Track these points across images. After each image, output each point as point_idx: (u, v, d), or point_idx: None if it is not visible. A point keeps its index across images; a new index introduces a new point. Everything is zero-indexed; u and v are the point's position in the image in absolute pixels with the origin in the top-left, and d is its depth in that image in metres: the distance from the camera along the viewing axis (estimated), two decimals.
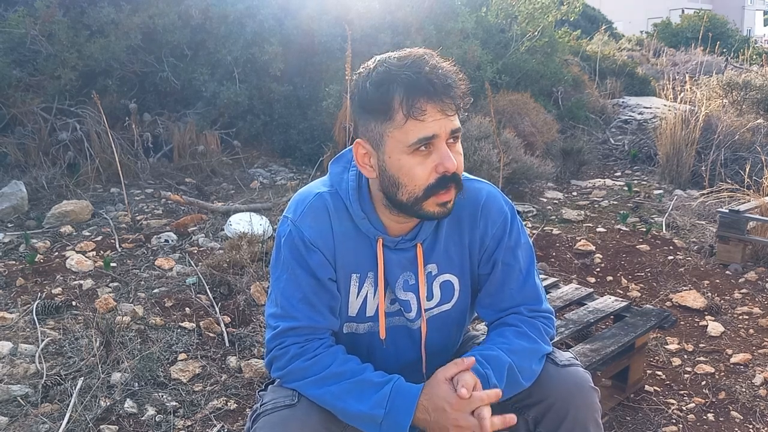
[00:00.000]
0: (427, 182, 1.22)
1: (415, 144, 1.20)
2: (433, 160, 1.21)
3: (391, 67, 1.20)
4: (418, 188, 1.23)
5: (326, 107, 5.45)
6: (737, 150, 5.57)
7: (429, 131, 1.19)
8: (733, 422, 2.27)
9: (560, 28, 9.88)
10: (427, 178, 1.22)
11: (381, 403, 1.22)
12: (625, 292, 3.33)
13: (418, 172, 1.22)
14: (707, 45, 13.58)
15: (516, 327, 1.37)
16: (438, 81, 1.18)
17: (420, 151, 1.21)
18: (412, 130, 1.19)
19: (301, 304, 1.31)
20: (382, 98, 1.20)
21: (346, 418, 1.27)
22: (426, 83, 1.18)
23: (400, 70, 1.19)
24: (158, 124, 5.37)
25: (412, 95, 1.18)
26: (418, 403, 1.22)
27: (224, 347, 2.63)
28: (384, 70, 1.21)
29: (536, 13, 7.40)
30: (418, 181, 1.22)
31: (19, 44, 4.98)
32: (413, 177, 1.22)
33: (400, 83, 1.18)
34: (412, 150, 1.20)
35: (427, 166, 1.21)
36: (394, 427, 1.21)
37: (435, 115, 1.18)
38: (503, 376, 1.27)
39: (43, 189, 4.43)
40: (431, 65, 1.19)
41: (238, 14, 5.63)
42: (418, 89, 1.18)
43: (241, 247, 3.30)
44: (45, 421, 2.10)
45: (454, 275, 1.41)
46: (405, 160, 1.22)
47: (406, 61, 1.20)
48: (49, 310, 2.78)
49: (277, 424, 1.23)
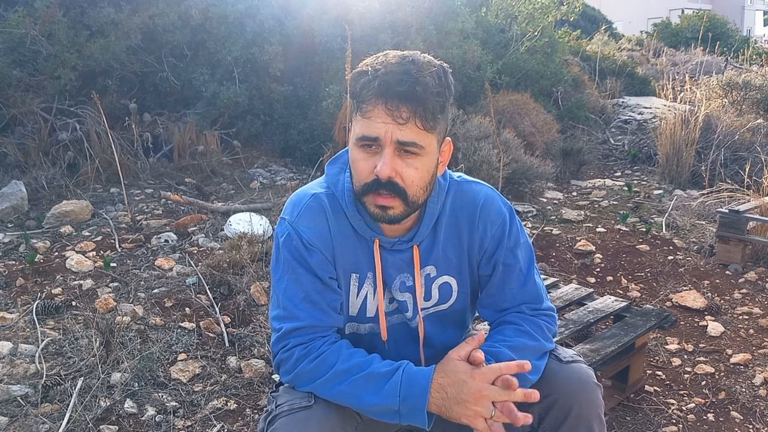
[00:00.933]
0: (365, 179, 1.24)
1: (360, 139, 1.22)
2: (376, 161, 1.22)
3: (375, 62, 1.22)
4: (359, 182, 1.25)
5: (326, 107, 5.45)
6: (737, 150, 5.57)
7: (372, 132, 1.20)
8: (733, 422, 2.27)
9: (560, 28, 9.88)
10: (367, 175, 1.23)
11: (394, 391, 1.22)
12: (625, 292, 3.33)
13: (361, 166, 1.24)
14: (707, 45, 13.59)
15: (516, 325, 1.37)
16: (400, 87, 1.17)
17: (366, 148, 1.22)
18: (359, 125, 1.22)
19: (303, 303, 1.31)
20: (353, 88, 1.23)
21: (365, 412, 1.27)
22: (381, 85, 1.17)
23: (377, 65, 1.20)
24: (158, 124, 5.37)
25: (366, 92, 1.19)
26: (432, 383, 1.22)
27: (224, 347, 2.62)
28: (368, 63, 1.23)
29: (536, 13, 7.40)
30: (360, 176, 1.24)
31: (19, 44, 4.98)
32: (357, 169, 1.25)
33: (367, 79, 1.20)
34: (360, 144, 1.23)
35: (369, 164, 1.23)
36: (412, 411, 1.21)
37: (384, 118, 1.18)
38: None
39: (43, 189, 4.43)
40: (407, 71, 1.18)
41: (238, 14, 5.63)
42: (372, 88, 1.19)
43: (241, 247, 3.30)
44: (45, 421, 2.10)
45: (452, 277, 1.41)
46: (354, 151, 1.25)
47: (391, 60, 1.21)
48: (49, 310, 2.78)
49: (295, 426, 1.22)
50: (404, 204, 1.24)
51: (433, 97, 1.19)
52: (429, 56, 1.24)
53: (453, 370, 1.22)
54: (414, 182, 1.23)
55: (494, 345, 1.32)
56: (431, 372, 1.23)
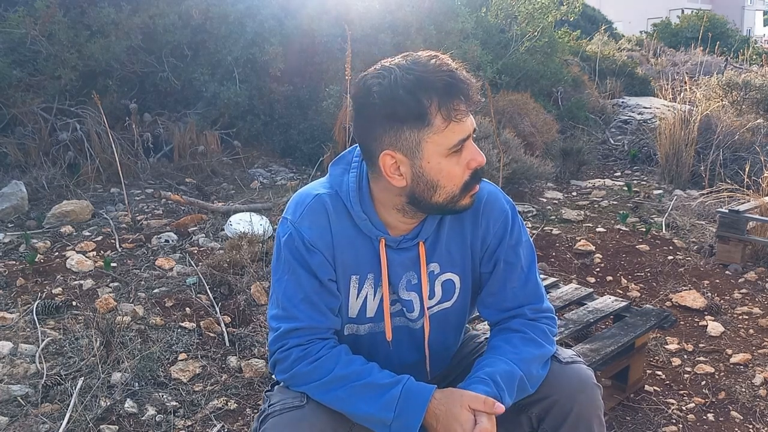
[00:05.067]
0: (463, 180, 1.25)
1: (456, 146, 1.22)
2: (465, 158, 1.24)
3: (422, 74, 1.18)
4: (456, 187, 1.25)
5: (326, 107, 5.45)
6: (737, 150, 5.57)
7: (466, 131, 1.22)
8: (733, 422, 2.27)
9: (560, 28, 9.89)
10: (462, 176, 1.25)
11: (390, 405, 1.22)
12: (624, 292, 3.33)
13: (456, 171, 1.24)
14: (707, 45, 13.58)
15: (522, 333, 1.37)
16: (466, 81, 1.20)
17: (456, 152, 1.23)
18: (453, 132, 1.20)
19: (303, 304, 1.31)
20: (419, 105, 1.17)
21: (355, 419, 1.27)
22: (461, 84, 1.19)
23: (432, 74, 1.18)
24: (158, 124, 5.37)
25: (450, 99, 1.18)
26: (428, 408, 1.22)
27: (224, 347, 2.63)
28: (414, 78, 1.17)
29: (536, 13, 7.41)
30: (457, 180, 1.25)
31: (20, 44, 4.98)
32: (452, 177, 1.24)
33: (436, 88, 1.17)
34: (452, 152, 1.22)
35: (461, 165, 1.24)
36: (403, 429, 1.22)
37: (465, 115, 1.21)
38: (514, 390, 1.28)
39: (43, 189, 4.43)
40: (453, 66, 1.21)
41: (238, 14, 5.63)
42: (455, 92, 1.18)
43: (242, 247, 3.30)
44: (45, 421, 2.10)
45: (455, 274, 1.41)
46: (445, 163, 1.23)
47: (430, 65, 1.19)
48: (50, 310, 2.78)
49: (286, 425, 1.23)
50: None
51: (473, 86, 1.22)
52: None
53: (453, 415, 1.21)
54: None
55: (503, 359, 1.31)
56: (430, 395, 1.23)
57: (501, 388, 1.26)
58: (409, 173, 1.24)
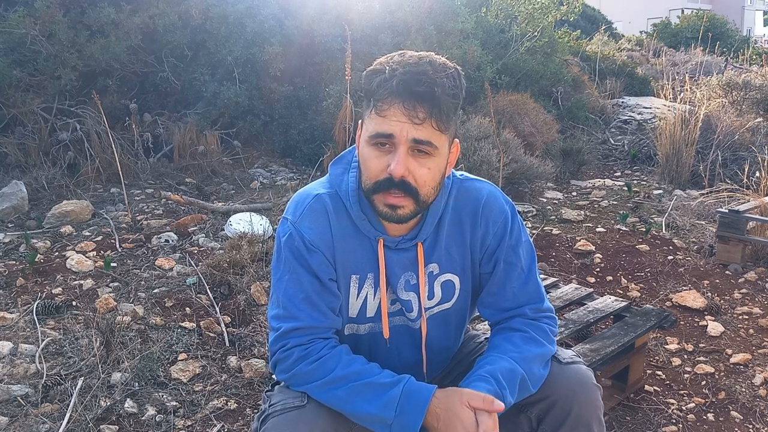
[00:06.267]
0: (377, 177, 1.24)
1: (373, 137, 1.22)
2: (389, 160, 1.22)
3: (391, 61, 1.22)
4: (370, 180, 1.25)
5: (326, 107, 5.45)
6: (737, 150, 5.58)
7: (387, 129, 1.20)
8: (733, 422, 2.27)
9: (560, 28, 9.86)
10: (378, 173, 1.24)
11: (391, 404, 1.22)
12: (624, 292, 3.33)
13: (373, 164, 1.24)
14: (707, 45, 13.58)
15: (523, 332, 1.37)
16: (418, 87, 1.18)
17: (379, 146, 1.23)
18: (374, 122, 1.22)
19: (303, 304, 1.31)
20: (368, 85, 1.23)
21: (355, 419, 1.27)
22: (399, 84, 1.18)
23: (393, 64, 1.21)
24: (158, 124, 5.37)
25: (383, 90, 1.20)
26: (429, 408, 1.22)
27: (224, 347, 2.63)
28: (383, 61, 1.23)
29: (536, 13, 7.40)
30: (371, 173, 1.25)
31: (20, 44, 4.98)
32: (368, 167, 1.25)
33: (384, 77, 1.20)
34: (373, 142, 1.23)
35: (381, 162, 1.23)
36: (404, 429, 1.22)
37: (399, 117, 1.19)
38: (516, 389, 1.28)
39: (43, 189, 4.43)
40: (425, 72, 1.19)
41: (238, 14, 5.63)
42: (389, 87, 1.19)
43: (242, 247, 3.30)
44: (45, 421, 2.10)
45: (455, 275, 1.41)
46: (366, 150, 1.25)
47: (408, 60, 1.21)
48: (50, 310, 2.78)
49: (286, 425, 1.23)
50: (415, 204, 1.25)
51: (449, 99, 1.21)
52: (443, 58, 1.25)
53: (454, 413, 1.20)
54: (426, 182, 1.24)
55: (505, 358, 1.31)
56: (430, 395, 1.23)
57: (502, 385, 1.26)
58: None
